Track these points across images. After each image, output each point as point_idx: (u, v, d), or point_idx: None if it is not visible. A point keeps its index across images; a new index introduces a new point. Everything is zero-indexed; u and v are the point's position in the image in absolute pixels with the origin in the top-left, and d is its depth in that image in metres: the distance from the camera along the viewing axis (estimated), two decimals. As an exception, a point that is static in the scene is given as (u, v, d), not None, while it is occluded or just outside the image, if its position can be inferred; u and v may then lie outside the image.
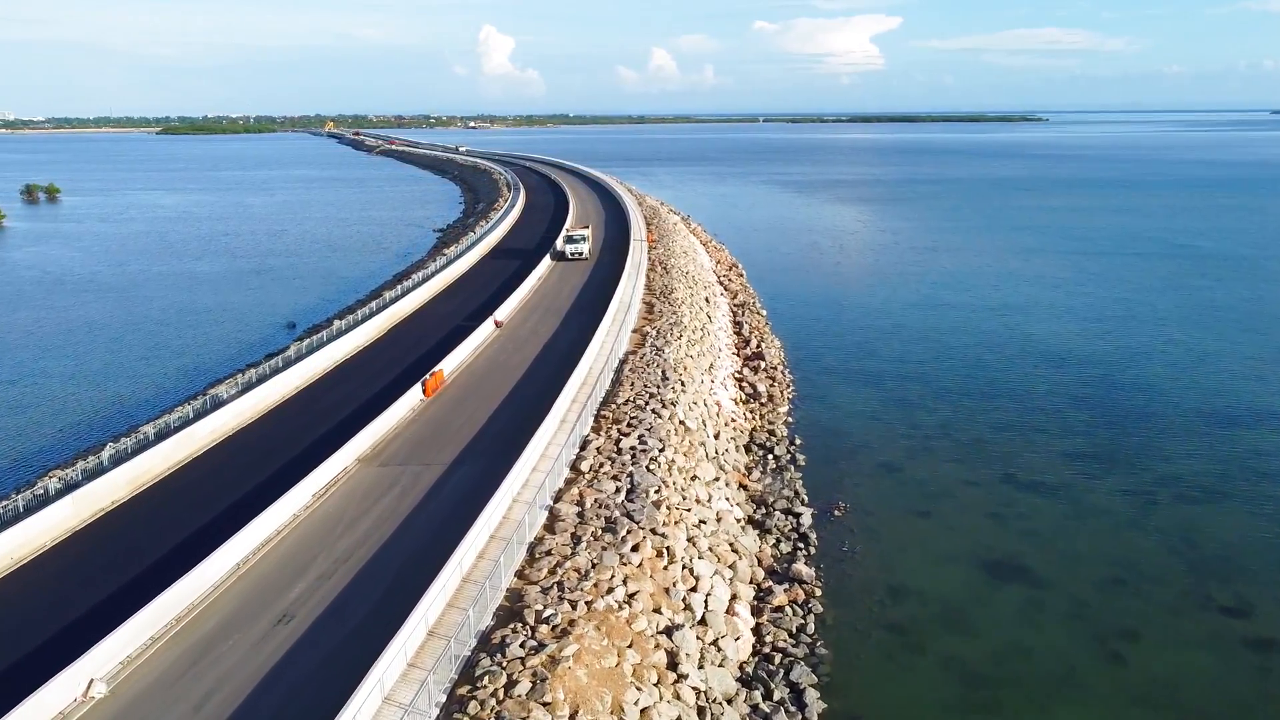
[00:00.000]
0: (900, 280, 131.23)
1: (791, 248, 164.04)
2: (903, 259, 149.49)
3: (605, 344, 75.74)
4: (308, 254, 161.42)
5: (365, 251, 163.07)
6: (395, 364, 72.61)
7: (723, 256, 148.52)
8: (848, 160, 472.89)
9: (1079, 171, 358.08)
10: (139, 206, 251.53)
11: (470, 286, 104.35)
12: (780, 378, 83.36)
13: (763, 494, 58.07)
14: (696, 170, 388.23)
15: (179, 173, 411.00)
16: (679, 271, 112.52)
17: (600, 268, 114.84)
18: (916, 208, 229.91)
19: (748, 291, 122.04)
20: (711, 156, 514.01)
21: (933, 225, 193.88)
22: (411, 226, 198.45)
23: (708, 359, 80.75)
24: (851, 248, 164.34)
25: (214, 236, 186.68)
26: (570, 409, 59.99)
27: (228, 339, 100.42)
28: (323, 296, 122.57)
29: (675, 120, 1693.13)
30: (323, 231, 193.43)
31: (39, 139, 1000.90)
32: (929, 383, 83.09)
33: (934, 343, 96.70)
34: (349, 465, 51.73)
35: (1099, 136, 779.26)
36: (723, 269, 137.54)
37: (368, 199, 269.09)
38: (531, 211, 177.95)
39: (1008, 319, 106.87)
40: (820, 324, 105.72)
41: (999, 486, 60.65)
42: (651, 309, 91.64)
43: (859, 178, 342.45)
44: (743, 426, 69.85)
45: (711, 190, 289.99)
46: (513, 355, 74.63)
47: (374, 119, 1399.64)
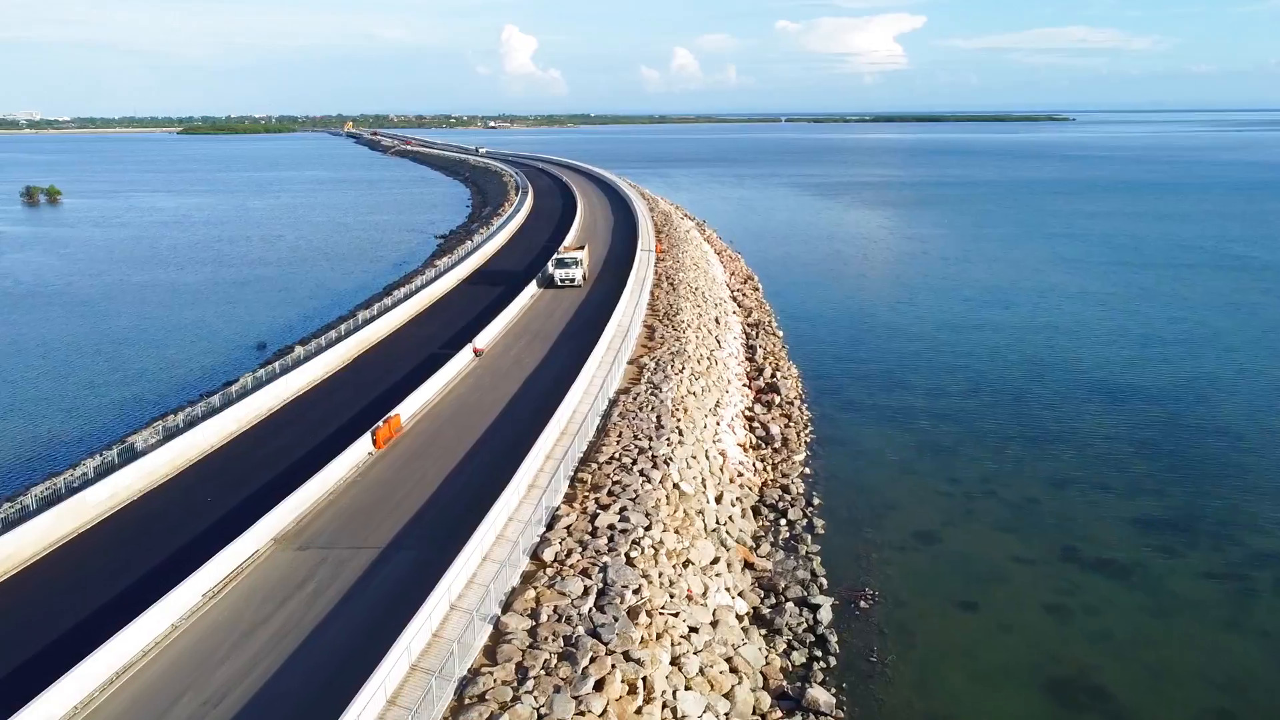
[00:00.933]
0: (931, 296, 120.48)
1: (812, 257, 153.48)
2: (933, 271, 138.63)
3: (594, 380, 65.82)
4: (299, 263, 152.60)
5: (360, 260, 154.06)
6: (351, 403, 63.02)
7: (738, 267, 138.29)
8: (872, 161, 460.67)
9: (1113, 173, 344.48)
10: (138, 209, 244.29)
11: (455, 306, 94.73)
12: (797, 416, 73.11)
13: (772, 576, 47.94)
14: (715, 172, 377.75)
15: (188, 174, 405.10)
16: (687, 288, 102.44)
17: (601, 283, 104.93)
18: (945, 212, 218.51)
19: (763, 308, 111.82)
20: (732, 157, 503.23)
21: (963, 232, 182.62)
22: (413, 232, 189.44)
23: (714, 395, 70.67)
24: (876, 257, 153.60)
25: (206, 243, 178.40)
26: (542, 470, 50.12)
27: (189, 363, 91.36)
28: (303, 312, 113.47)
29: (697, 120, 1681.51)
30: (320, 238, 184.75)
31: (61, 139, 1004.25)
32: (967, 423, 72.58)
33: (971, 372, 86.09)
34: (262, 547, 42.09)
35: (1128, 136, 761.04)
36: (737, 281, 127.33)
37: (374, 202, 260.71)
38: (536, 218, 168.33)
39: (1054, 343, 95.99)
40: (842, 348, 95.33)
41: (1059, 565, 50.18)
42: (653, 334, 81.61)
43: (883, 180, 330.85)
44: (751, 482, 59.69)
45: (730, 193, 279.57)
46: (487, 393, 64.81)
47: (395, 119, 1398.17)
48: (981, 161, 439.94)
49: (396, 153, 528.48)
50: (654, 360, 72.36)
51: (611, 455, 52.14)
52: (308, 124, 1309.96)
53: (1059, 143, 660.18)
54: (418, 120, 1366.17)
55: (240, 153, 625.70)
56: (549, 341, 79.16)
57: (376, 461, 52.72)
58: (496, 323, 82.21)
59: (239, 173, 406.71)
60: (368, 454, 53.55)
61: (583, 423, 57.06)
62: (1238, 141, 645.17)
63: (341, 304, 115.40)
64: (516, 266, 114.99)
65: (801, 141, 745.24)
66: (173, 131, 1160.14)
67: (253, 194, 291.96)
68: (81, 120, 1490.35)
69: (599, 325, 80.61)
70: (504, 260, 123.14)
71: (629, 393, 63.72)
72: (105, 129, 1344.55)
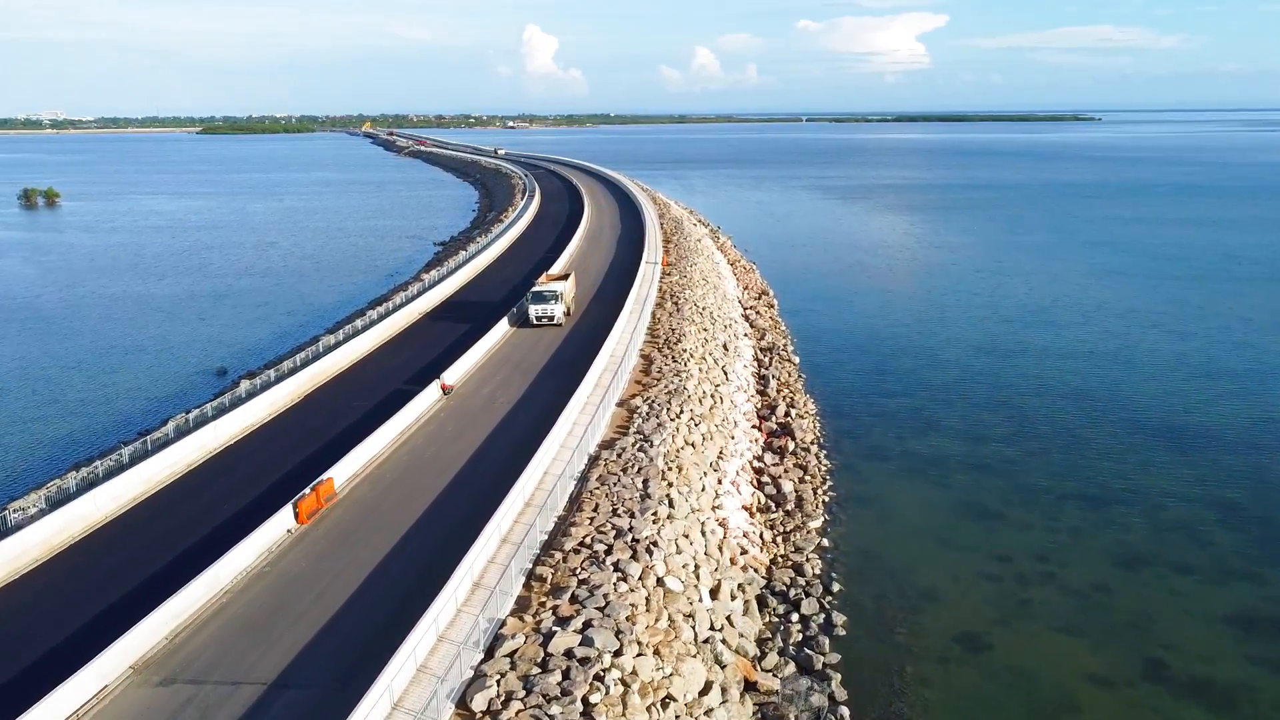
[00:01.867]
0: (963, 315, 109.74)
1: (833, 269, 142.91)
2: (964, 285, 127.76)
3: (574, 430, 55.94)
4: (286, 273, 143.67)
5: (350, 271, 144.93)
6: (284, 457, 53.45)
7: (752, 280, 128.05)
8: (895, 163, 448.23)
9: (1148, 175, 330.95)
10: (135, 213, 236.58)
11: (432, 330, 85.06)
12: (814, 467, 62.87)
13: (779, 704, 37.82)
14: (733, 174, 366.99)
15: (198, 175, 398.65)
16: (693, 308, 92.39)
17: (598, 303, 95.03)
18: (974, 218, 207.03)
19: (778, 329, 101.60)
20: (751, 159, 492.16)
21: (995, 240, 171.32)
22: (412, 239, 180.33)
23: (716, 443, 60.61)
24: (902, 269, 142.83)
25: (195, 250, 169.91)
26: (494, 560, 40.33)
27: (139, 392, 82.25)
28: (277, 331, 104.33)
29: (717, 120, 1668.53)
30: (315, 245, 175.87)
31: (81, 139, 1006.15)
32: (1014, 476, 62.13)
33: (1014, 410, 75.49)
34: (113, 682, 32.44)
35: (1159, 136, 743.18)
36: (751, 296, 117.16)
37: (379, 205, 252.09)
38: (539, 225, 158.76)
39: (1107, 374, 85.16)
40: (866, 378, 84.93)
41: (1141, 687, 39.79)
42: (650, 366, 71.63)
43: (908, 182, 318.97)
44: (757, 561, 49.53)
45: (747, 197, 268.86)
46: (447, 446, 55.02)
47: (415, 119, 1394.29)
48: (1008, 163, 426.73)
49: (410, 153, 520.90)
50: (647, 402, 62.38)
51: (582, 539, 42.19)
52: (327, 124, 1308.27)
53: (1087, 143, 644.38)
54: (437, 120, 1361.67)
55: (255, 153, 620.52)
56: (530, 376, 69.30)
57: (295, 544, 43.03)
58: (474, 352, 72.49)
59: (248, 174, 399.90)
60: (286, 531, 43.92)
61: (553, 490, 47.18)
62: (1273, 142, 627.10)
63: (320, 321, 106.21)
64: (508, 283, 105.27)
65: (823, 142, 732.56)
66: (192, 131, 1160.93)
67: (256, 197, 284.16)
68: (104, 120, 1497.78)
69: (588, 356, 70.76)
70: (497, 273, 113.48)
71: (613, 447, 53.75)
72: (127, 129, 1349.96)
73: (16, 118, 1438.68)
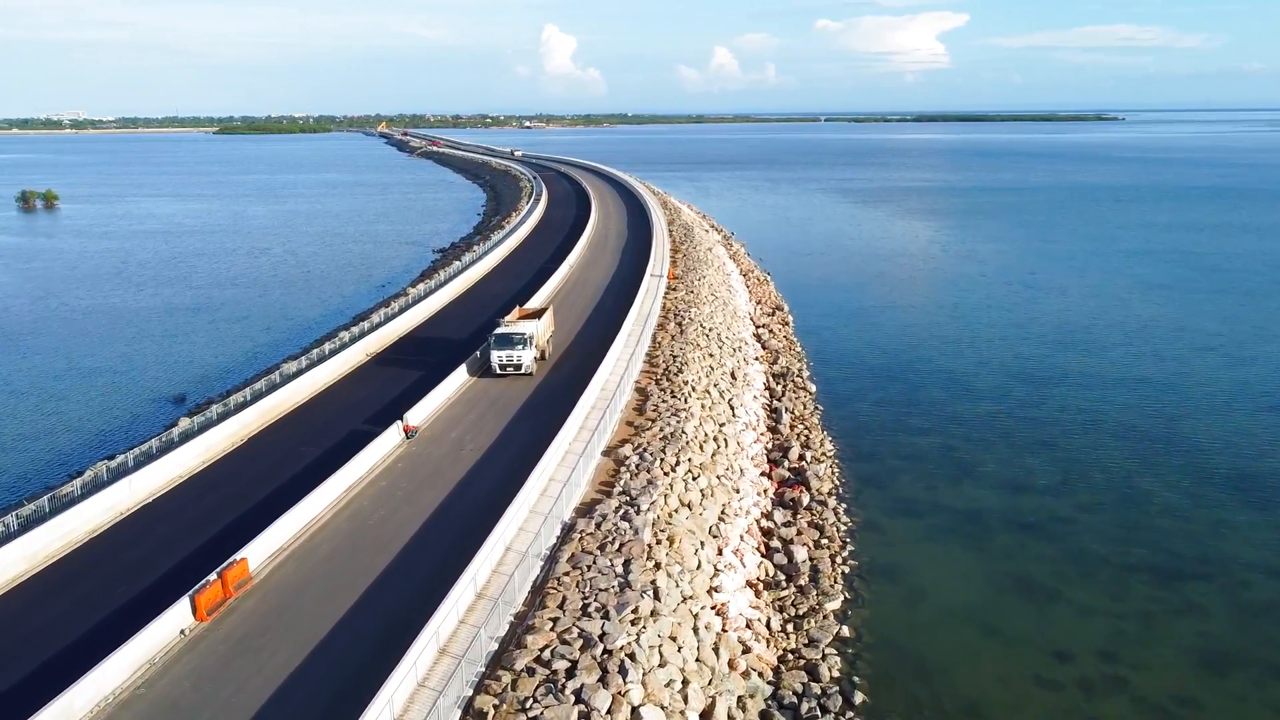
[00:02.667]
0: (997, 335, 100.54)
1: (853, 280, 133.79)
2: (996, 300, 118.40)
3: (548, 491, 47.47)
4: (273, 283, 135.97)
5: (341, 281, 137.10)
6: (205, 524, 45.27)
7: (766, 293, 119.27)
8: (916, 164, 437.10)
9: (1179, 177, 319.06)
10: (131, 216, 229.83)
11: (407, 356, 76.76)
12: (832, 526, 54.10)
13: None
14: (749, 176, 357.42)
15: (206, 176, 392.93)
16: (699, 329, 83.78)
17: (594, 323, 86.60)
18: (1001, 224, 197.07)
19: (793, 350, 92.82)
20: (768, 159, 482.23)
21: (1025, 249, 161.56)
22: (411, 245, 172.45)
23: (717, 501, 51.99)
24: (928, 281, 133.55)
25: (184, 256, 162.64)
26: (424, 683, 31.90)
27: (83, 425, 74.44)
28: (249, 350, 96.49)
29: (735, 120, 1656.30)
30: (309, 251, 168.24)
31: (99, 139, 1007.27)
32: (1066, 540, 53.16)
33: (1060, 453, 66.41)
34: None
35: (1185, 136, 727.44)
36: (764, 312, 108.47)
37: (383, 208, 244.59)
38: (541, 232, 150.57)
39: (1158, 407, 75.86)
40: (891, 410, 76.01)
41: None
42: (645, 402, 63.07)
43: (930, 185, 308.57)
44: (762, 660, 40.82)
45: (763, 200, 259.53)
46: (396, 510, 46.62)
47: (431, 118, 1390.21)
48: (1033, 164, 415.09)
49: (423, 154, 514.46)
50: (639, 450, 53.83)
51: (540, 654, 33.68)
52: (344, 124, 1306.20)
53: (1112, 144, 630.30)
54: (453, 120, 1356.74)
55: (268, 154, 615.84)
56: (507, 414, 60.87)
57: (186, 651, 34.77)
58: (447, 385, 64.22)
59: (257, 175, 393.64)
60: (180, 633, 35.68)
61: (512, 575, 38.76)
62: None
63: (296, 339, 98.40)
64: (498, 299, 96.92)
65: (841, 142, 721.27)
66: (209, 131, 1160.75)
67: (259, 199, 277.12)
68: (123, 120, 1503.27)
69: (576, 390, 62.33)
70: (489, 287, 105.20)
71: (592, 514, 45.20)
72: (146, 129, 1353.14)
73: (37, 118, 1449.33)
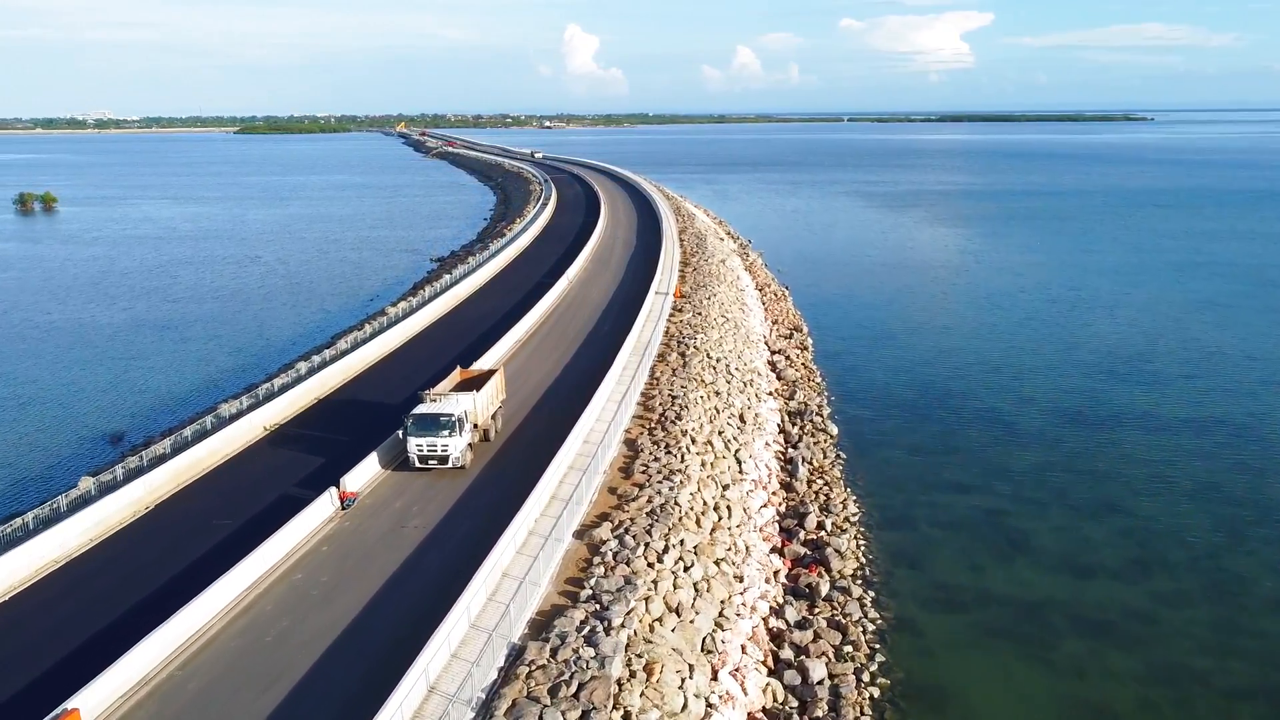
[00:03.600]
0: (1044, 364, 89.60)
1: (878, 296, 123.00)
2: (1039, 320, 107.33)
3: (497, 595, 37.47)
4: (254, 297, 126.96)
5: (326, 295, 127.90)
6: (42, 649, 35.57)
7: (783, 311, 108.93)
8: (942, 166, 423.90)
9: (1220, 180, 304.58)
10: (127, 220, 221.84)
11: (366, 392, 66.98)
12: (857, 630, 43.67)
13: None
14: (770, 178, 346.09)
15: (214, 177, 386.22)
16: (705, 361, 73.56)
17: (583, 355, 76.50)
18: (1038, 232, 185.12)
19: (812, 380, 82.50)
20: (790, 161, 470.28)
21: (1065, 259, 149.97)
22: (409, 253, 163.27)
23: (714, 600, 41.77)
24: (962, 297, 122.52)
25: (168, 266, 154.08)
26: None
27: None
28: (207, 378, 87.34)
29: (757, 120, 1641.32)
30: (301, 259, 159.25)
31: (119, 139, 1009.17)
32: (1149, 649, 42.57)
33: (1129, 518, 55.67)
34: None
35: (1218, 137, 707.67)
36: (781, 333, 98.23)
37: (387, 212, 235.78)
38: (544, 241, 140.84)
39: (1244, 461, 64.81)
40: (924, 460, 65.46)
41: None
42: (634, 461, 52.94)
43: (959, 188, 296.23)
44: None
45: (784, 204, 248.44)
46: (302, 621, 36.70)
47: (452, 118, 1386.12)
48: (1064, 166, 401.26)
49: (438, 154, 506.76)
50: (618, 532, 43.69)
51: None
52: (365, 124, 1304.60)
53: (1143, 144, 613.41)
54: (474, 120, 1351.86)
55: (284, 154, 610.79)
56: (466, 477, 50.86)
57: None
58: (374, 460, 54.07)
59: (267, 177, 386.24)
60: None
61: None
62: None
63: (263, 364, 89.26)
64: (485, 319, 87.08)
65: (865, 143, 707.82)
66: (230, 131, 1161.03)
67: (262, 202, 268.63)
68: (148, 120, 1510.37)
69: (553, 444, 52.22)
70: (477, 307, 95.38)
71: (548, 634, 35.05)
72: (169, 129, 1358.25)
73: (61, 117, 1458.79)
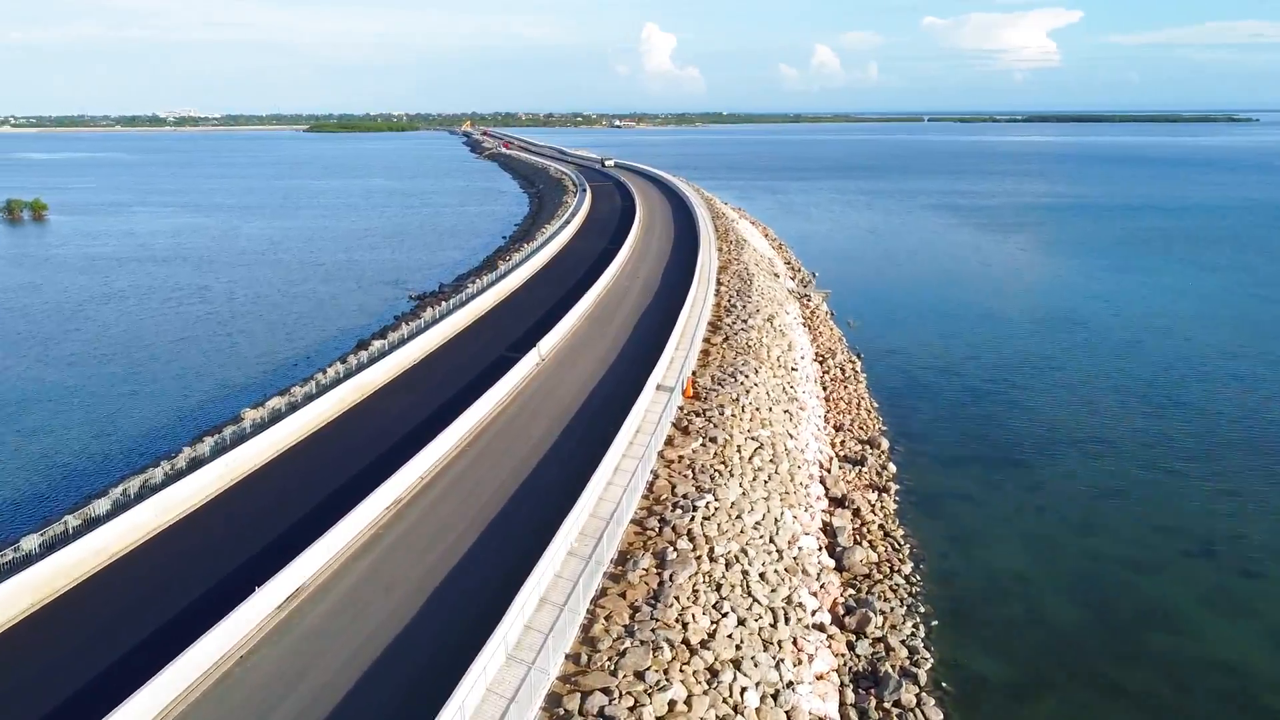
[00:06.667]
0: (1210, 468, 55.08)
1: (986, 370, 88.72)
2: (1207, 410, 72.27)
3: None
4: (179, 348, 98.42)
5: (256, 351, 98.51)
6: None
7: (851, 401, 76.06)
8: (1039, 173, 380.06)
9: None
10: (109, 235, 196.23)
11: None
12: None
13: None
14: (844, 186, 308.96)
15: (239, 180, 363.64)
16: (707, 571, 41.29)
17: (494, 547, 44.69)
18: (1188, 270, 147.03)
19: (889, 543, 49.77)
20: (867, 165, 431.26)
21: (1247, 316, 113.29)
22: (389, 285, 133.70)
23: None
24: (1114, 390, 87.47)
25: (119, 297, 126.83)
26: None
27: None
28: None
29: (834, 119, 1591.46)
30: (255, 293, 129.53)
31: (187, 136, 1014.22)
32: None
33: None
34: None
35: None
36: (849, 449, 65.57)
37: (399, 226, 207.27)
38: (543, 282, 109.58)
39: None
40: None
41: None
42: None
43: (1066, 201, 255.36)
44: None
45: (858, 220, 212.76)
46: None
47: (523, 117, 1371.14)
48: (1178, 173, 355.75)
49: (490, 155, 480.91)
50: None
51: None
52: (436, 122, 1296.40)
53: (1260, 147, 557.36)
54: (545, 119, 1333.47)
55: (338, 153, 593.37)
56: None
57: None
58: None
59: (298, 180, 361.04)
60: None
61: None
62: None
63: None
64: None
65: (949, 145, 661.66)
66: (299, 129, 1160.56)
67: (268, 213, 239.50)
68: (228, 118, 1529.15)
69: None
70: (426, 375, 64.25)
71: None
72: (247, 126, 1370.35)
73: (143, 115, 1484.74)
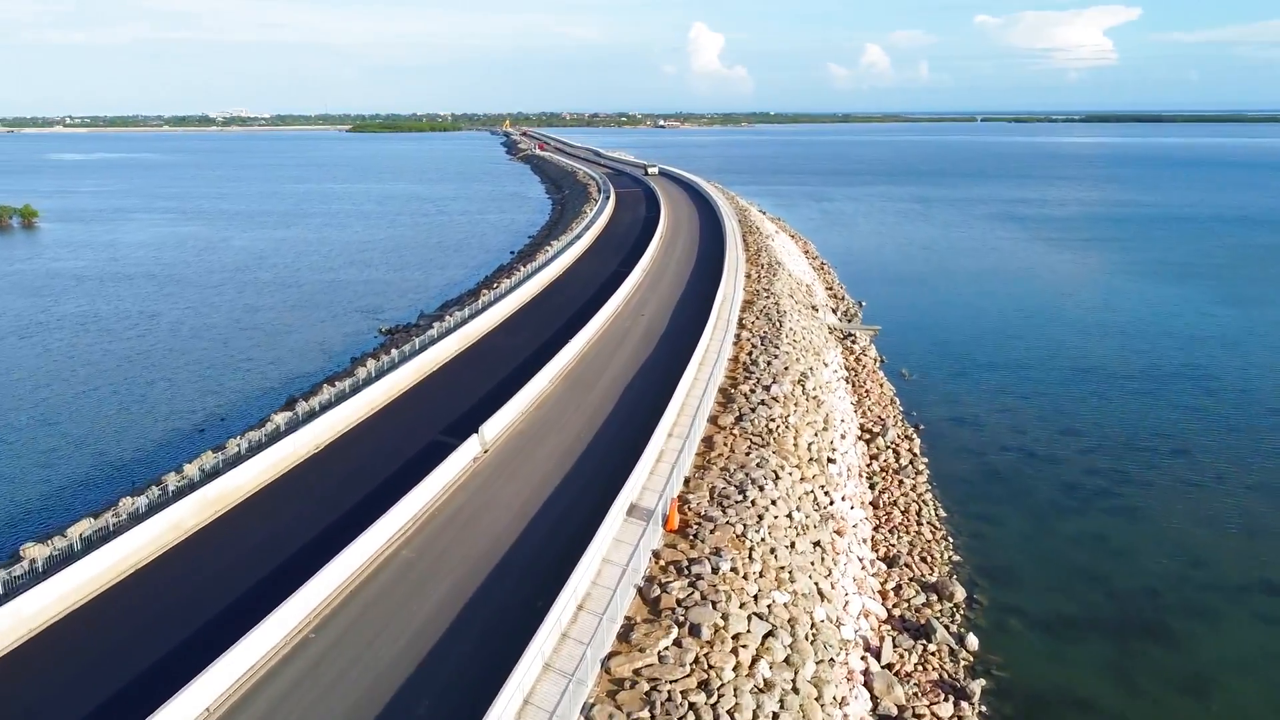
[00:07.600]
0: None
1: (1085, 448, 67.79)
2: None
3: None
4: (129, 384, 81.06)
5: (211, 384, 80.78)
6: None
7: (910, 502, 55.77)
8: (1107, 177, 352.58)
9: None
10: (93, 246, 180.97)
11: None
12: None
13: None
14: (895, 193, 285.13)
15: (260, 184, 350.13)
16: None
17: None
18: None
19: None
20: (919, 168, 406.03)
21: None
22: (363, 315, 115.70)
23: None
24: (1224, 472, 66.17)
25: (43, 327, 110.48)
26: None
27: None
28: None
29: (884, 119, 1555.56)
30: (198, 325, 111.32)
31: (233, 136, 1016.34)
32: None
33: None
34: None
35: None
36: (907, 579, 45.43)
37: (401, 240, 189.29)
38: (534, 312, 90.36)
39: None
40: None
41: None
42: None
43: (1144, 211, 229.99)
44: None
45: (911, 234, 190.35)
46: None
47: (568, 117, 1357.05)
48: (1262, 178, 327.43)
49: (524, 157, 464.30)
50: None
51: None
52: (479, 122, 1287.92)
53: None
54: (589, 119, 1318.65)
55: (372, 154, 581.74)
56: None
57: None
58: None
59: (314, 184, 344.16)
60: None
61: None
62: None
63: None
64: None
65: (1004, 146, 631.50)
66: (342, 129, 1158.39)
67: (270, 221, 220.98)
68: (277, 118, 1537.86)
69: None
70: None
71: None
72: (294, 126, 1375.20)
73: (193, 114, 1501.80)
